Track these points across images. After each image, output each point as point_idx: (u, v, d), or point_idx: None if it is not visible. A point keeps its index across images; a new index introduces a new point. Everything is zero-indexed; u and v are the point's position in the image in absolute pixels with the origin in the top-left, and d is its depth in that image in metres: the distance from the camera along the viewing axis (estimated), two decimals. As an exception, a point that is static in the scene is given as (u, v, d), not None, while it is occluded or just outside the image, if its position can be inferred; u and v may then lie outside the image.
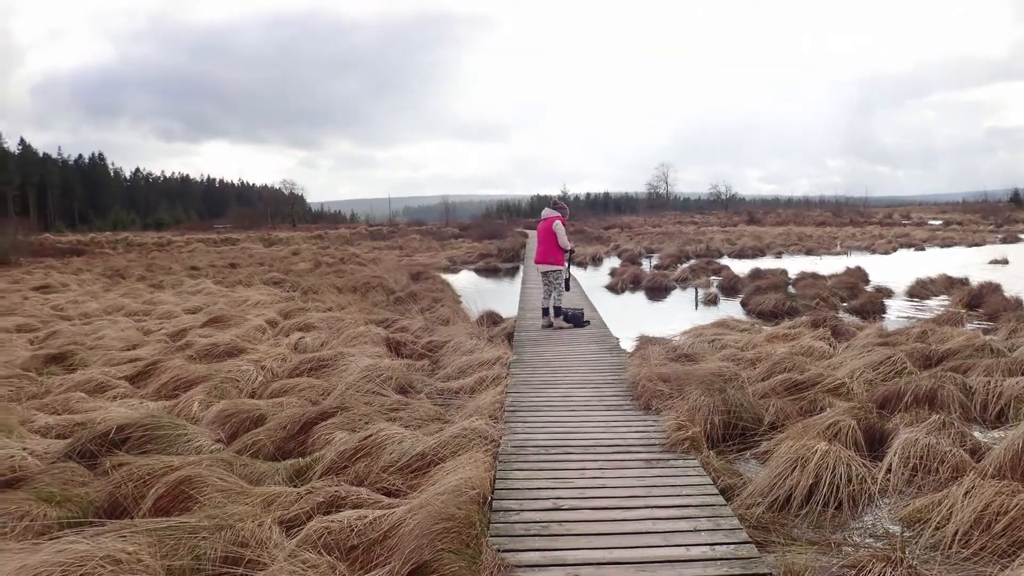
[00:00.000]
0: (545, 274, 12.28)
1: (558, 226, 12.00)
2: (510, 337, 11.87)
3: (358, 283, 20.47)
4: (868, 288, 18.87)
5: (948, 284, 18.49)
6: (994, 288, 15.97)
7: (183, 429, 6.92)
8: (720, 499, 5.09)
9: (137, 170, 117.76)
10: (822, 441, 5.94)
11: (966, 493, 5.03)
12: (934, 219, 71.36)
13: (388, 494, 5.63)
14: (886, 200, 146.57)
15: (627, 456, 5.95)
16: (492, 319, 13.80)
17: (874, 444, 6.67)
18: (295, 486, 5.79)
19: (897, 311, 15.81)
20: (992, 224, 57.57)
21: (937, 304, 16.67)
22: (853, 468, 5.69)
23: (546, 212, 12.36)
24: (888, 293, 17.98)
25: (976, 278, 18.53)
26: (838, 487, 5.52)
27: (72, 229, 78.40)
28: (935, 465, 5.92)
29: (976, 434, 6.89)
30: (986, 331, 11.67)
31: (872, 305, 15.96)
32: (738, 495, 5.58)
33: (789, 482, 5.55)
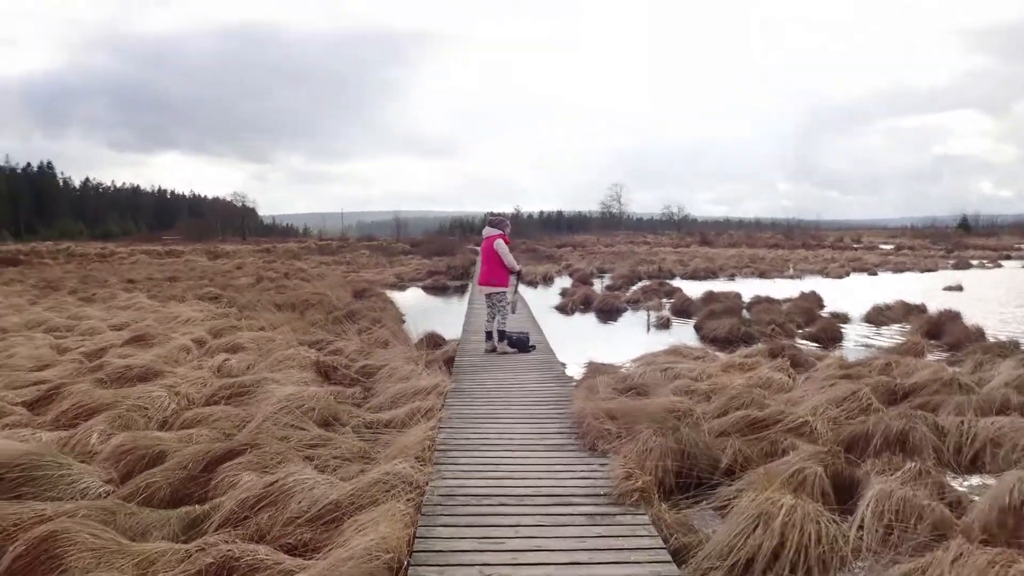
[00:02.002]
0: (489, 296, 11.53)
1: (500, 245, 11.28)
2: (451, 362, 11.11)
3: (298, 300, 19.52)
4: (824, 314, 18.42)
5: (906, 311, 18.11)
6: (953, 316, 15.56)
7: (68, 468, 6.06)
8: (674, 569, 4.36)
9: (87, 180, 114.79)
10: (787, 494, 5.26)
11: (954, 561, 4.38)
12: (885, 243, 72.18)
13: (292, 551, 4.84)
14: (836, 224, 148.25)
15: (568, 509, 5.20)
16: (434, 342, 13.03)
17: (843, 494, 6.03)
18: (185, 541, 4.97)
19: (855, 338, 15.35)
20: (943, 249, 58.29)
21: (895, 332, 16.26)
22: (822, 525, 5.02)
23: (487, 231, 11.63)
24: (844, 319, 17.54)
25: (933, 305, 18.18)
26: (807, 548, 4.84)
27: (17, 239, 75.92)
28: (912, 522, 5.28)
29: (953, 484, 6.29)
30: (951, 363, 11.20)
31: (829, 332, 15.47)
32: (693, 556, 4.87)
33: (751, 543, 4.85)
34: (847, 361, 10.83)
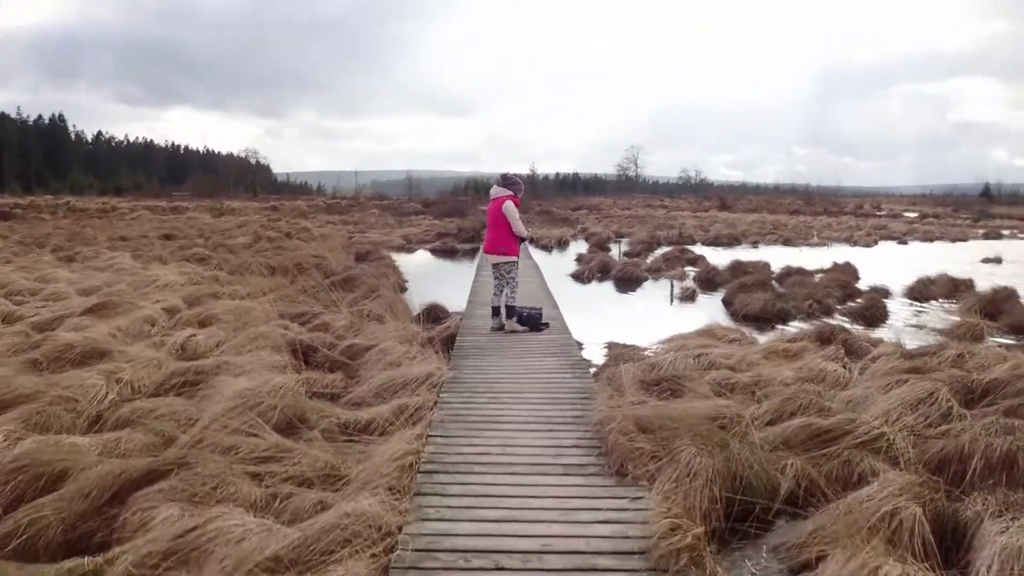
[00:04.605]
0: (496, 266, 10.04)
1: (509, 207, 9.76)
2: (451, 341, 9.71)
3: (292, 263, 18.09)
4: (862, 287, 16.88)
5: (952, 286, 16.50)
6: (1010, 294, 14.01)
7: (-66, 495, 4.68)
8: None
9: (99, 133, 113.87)
10: (888, 558, 3.87)
11: None
12: (907, 211, 70.09)
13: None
14: (852, 190, 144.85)
15: (592, 579, 3.79)
16: (435, 315, 11.67)
17: (946, 541, 4.62)
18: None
19: (902, 318, 13.79)
20: (968, 219, 56.33)
21: (944, 309, 14.73)
22: (939, 605, 3.62)
23: (495, 191, 10.07)
24: (885, 294, 15.96)
25: (979, 280, 16.68)
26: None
27: (28, 192, 75.26)
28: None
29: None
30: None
31: (873, 309, 13.94)
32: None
33: (846, 633, 3.46)
34: (909, 350, 9.35)
